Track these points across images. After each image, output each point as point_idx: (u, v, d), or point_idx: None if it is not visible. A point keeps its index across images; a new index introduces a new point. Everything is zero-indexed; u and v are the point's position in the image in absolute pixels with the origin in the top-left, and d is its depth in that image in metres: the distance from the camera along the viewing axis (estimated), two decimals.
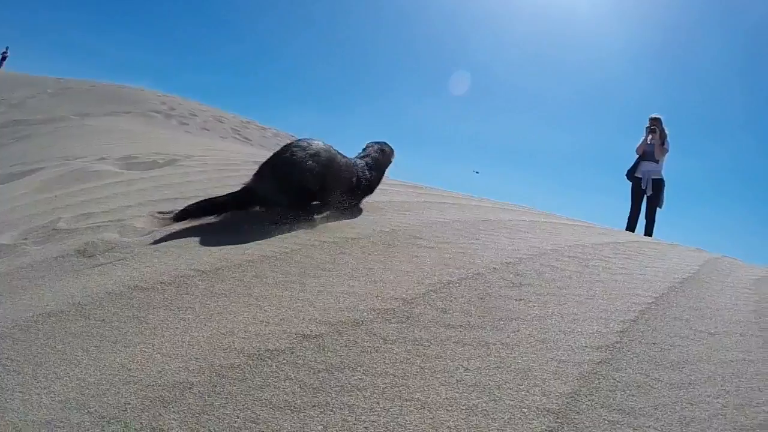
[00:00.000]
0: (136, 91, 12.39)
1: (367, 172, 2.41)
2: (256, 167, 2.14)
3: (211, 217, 2.05)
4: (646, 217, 5.42)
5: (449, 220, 2.43)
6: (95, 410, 0.91)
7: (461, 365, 1.14)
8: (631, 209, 5.51)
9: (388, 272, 1.76)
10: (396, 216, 2.49)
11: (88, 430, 0.86)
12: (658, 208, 5.37)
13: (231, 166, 3.81)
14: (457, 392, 1.04)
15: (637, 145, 5.47)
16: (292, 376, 1.03)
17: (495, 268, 1.74)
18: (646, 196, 5.38)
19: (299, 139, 2.16)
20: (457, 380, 1.07)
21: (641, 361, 1.22)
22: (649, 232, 5.39)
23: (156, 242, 1.83)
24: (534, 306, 1.48)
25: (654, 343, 1.32)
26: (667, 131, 5.37)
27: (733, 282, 2.05)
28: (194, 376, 1.00)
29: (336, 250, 1.97)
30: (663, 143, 5.33)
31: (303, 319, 1.26)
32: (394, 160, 2.64)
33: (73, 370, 1.04)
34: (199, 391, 0.96)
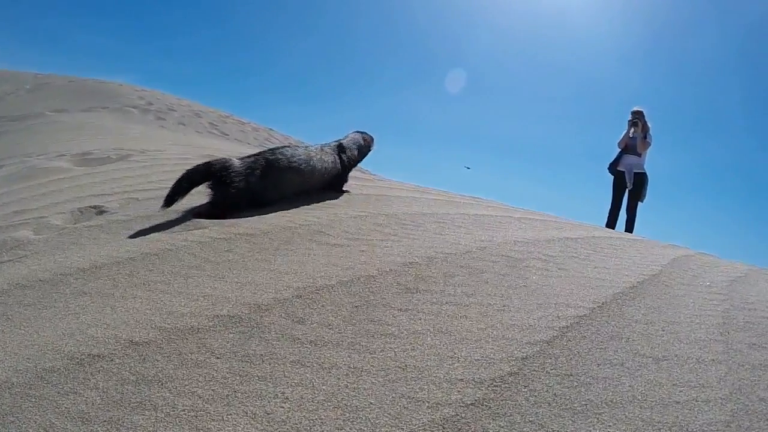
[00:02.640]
0: (114, 86, 12.05)
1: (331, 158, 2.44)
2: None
3: (185, 196, 2.00)
4: (627, 212, 5.11)
5: (373, 214, 2.07)
6: None
7: (282, 393, 0.91)
8: (612, 203, 5.19)
9: (263, 273, 1.44)
10: (314, 210, 2.13)
11: None
12: (639, 202, 5.06)
13: (183, 161, 3.67)
14: (257, 428, 0.83)
15: (619, 138, 5.15)
16: (100, 385, 0.95)
17: (393, 270, 1.38)
18: (627, 190, 5.05)
19: (271, 151, 2.18)
20: (266, 412, 0.87)
21: (538, 404, 0.85)
22: (629, 227, 5.07)
23: (61, 239, 1.80)
24: (420, 319, 1.11)
25: (569, 375, 0.95)
26: (649, 125, 5.06)
27: (701, 285, 1.68)
28: (18, 376, 0.98)
29: (224, 247, 1.72)
30: (645, 137, 5.00)
31: (142, 323, 1.15)
32: (375, 147, 2.70)
33: None
34: (16, 392, 0.94)
